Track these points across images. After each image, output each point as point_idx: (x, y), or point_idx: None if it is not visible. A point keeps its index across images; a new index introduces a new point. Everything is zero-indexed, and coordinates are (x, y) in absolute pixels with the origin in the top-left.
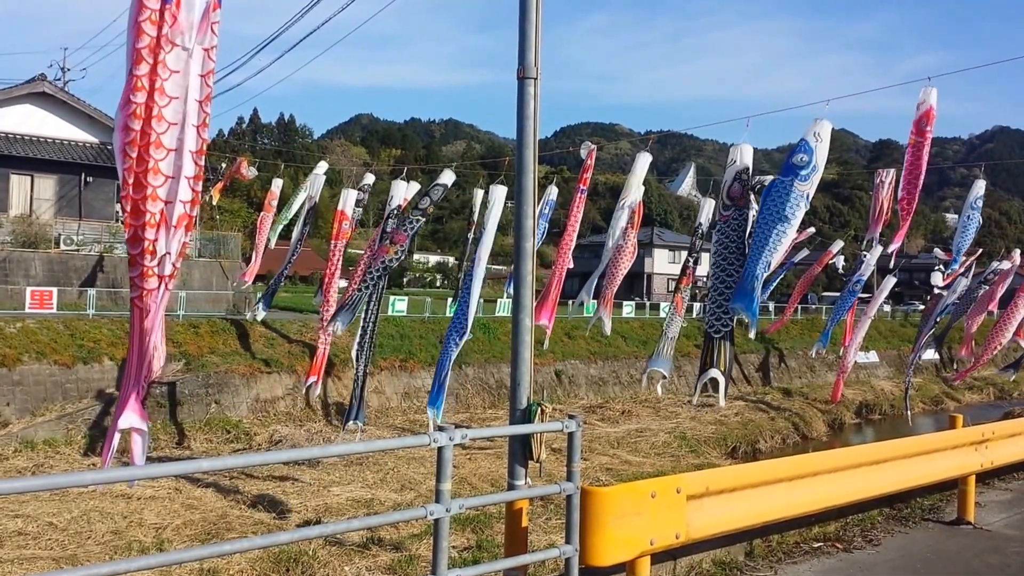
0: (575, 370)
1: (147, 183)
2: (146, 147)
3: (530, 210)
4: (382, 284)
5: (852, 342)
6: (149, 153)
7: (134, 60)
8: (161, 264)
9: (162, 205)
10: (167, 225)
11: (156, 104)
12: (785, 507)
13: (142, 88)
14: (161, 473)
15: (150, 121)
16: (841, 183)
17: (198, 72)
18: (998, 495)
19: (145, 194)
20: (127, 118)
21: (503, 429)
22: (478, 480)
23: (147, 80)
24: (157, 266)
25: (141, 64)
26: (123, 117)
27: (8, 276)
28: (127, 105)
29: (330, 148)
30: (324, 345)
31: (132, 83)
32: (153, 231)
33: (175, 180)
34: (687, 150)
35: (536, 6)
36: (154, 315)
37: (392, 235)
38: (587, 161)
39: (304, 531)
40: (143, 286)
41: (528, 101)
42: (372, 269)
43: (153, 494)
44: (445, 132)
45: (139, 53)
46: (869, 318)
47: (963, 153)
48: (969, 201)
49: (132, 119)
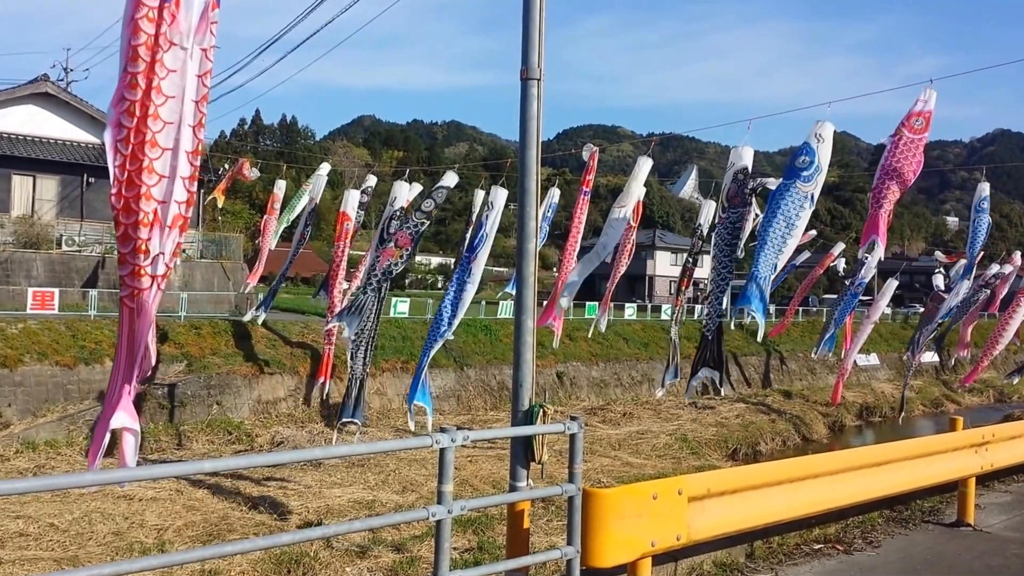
0: (577, 372)
1: (140, 182)
2: (140, 145)
3: (533, 211)
4: (385, 287)
5: (853, 345)
6: (144, 152)
7: (129, 57)
8: (154, 264)
9: (156, 204)
10: (161, 225)
11: (152, 102)
12: (786, 509)
13: (137, 85)
14: (163, 474)
15: (145, 119)
16: (842, 186)
17: (195, 72)
18: (998, 497)
19: (138, 192)
20: (120, 115)
21: (505, 431)
22: (479, 482)
23: (143, 78)
24: (150, 265)
25: (137, 61)
26: (116, 114)
27: (10, 277)
28: (120, 102)
29: (332, 149)
30: (329, 347)
31: (126, 80)
32: (146, 230)
33: (170, 180)
34: (689, 152)
35: (539, 7)
36: (146, 315)
37: (396, 238)
38: (589, 163)
39: (306, 532)
40: (134, 285)
41: (531, 102)
42: (376, 271)
43: (154, 495)
44: (447, 134)
45: (135, 50)
46: (872, 322)
47: (964, 156)
48: (975, 204)
49: (125, 116)
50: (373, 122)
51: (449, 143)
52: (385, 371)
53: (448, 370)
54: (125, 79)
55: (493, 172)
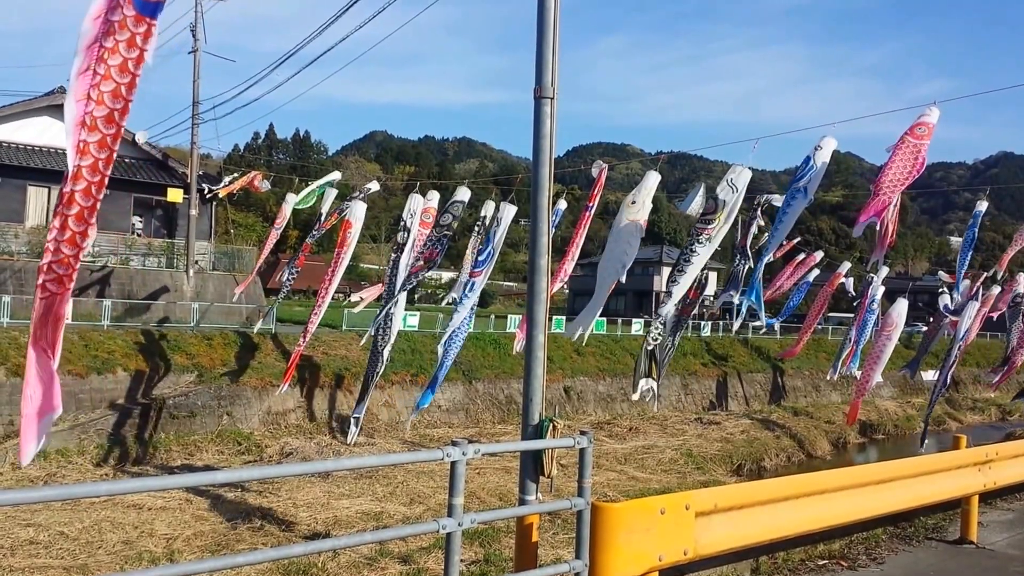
0: (584, 386)
1: (80, 176)
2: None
3: (545, 227)
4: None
5: (876, 366)
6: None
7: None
8: (77, 258)
9: (91, 203)
10: (88, 223)
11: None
12: (791, 525)
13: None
14: (177, 484)
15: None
16: (847, 206)
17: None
18: (1001, 515)
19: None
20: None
21: (516, 444)
22: (486, 494)
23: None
24: (74, 258)
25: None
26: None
27: (24, 286)
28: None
29: (344, 164)
30: (298, 351)
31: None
32: (79, 224)
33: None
34: (697, 171)
35: (553, 28)
36: (60, 305)
37: (425, 254)
38: (598, 179)
39: (316, 544)
40: (59, 272)
41: (544, 120)
42: (406, 278)
43: (164, 504)
44: (459, 150)
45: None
46: (893, 343)
47: (968, 178)
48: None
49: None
50: (385, 137)
51: (460, 159)
52: (394, 383)
53: (457, 383)
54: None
55: (503, 187)
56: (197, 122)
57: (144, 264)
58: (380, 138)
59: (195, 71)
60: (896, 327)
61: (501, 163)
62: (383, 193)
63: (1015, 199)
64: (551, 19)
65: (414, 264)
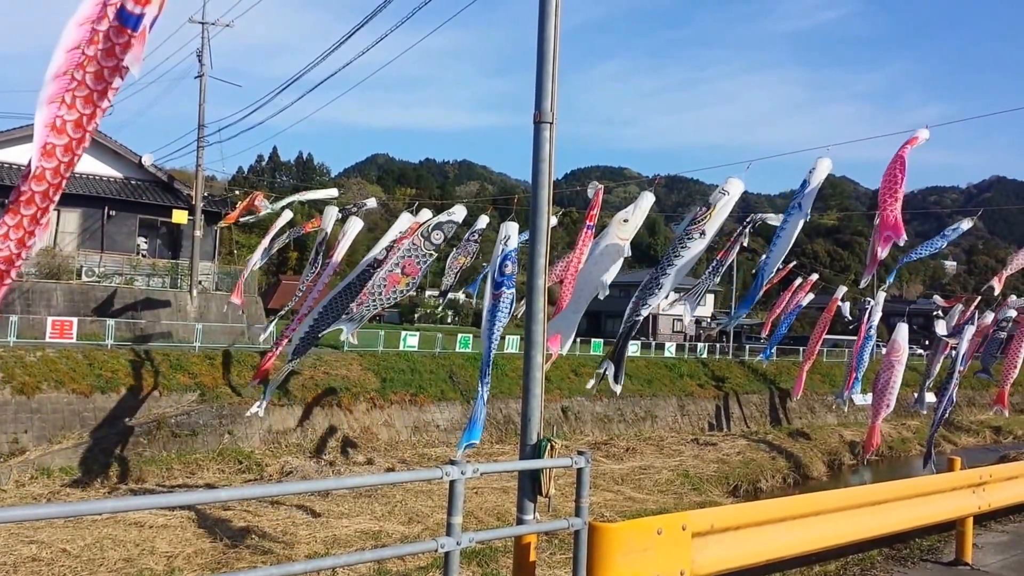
0: (581, 407)
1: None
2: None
3: (543, 248)
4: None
5: (891, 390)
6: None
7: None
8: (20, 256)
9: (46, 204)
10: (39, 224)
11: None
12: (787, 545)
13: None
14: (180, 502)
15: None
16: (842, 229)
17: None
18: (995, 537)
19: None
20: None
21: (514, 464)
22: (484, 514)
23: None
24: (18, 256)
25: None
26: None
27: (31, 306)
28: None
29: (346, 186)
30: (272, 356)
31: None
32: (31, 224)
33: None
34: (693, 194)
35: (553, 54)
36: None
37: (403, 265)
38: (594, 200)
39: (315, 562)
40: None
41: (544, 145)
42: (380, 295)
43: (165, 522)
44: (459, 172)
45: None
46: (902, 366)
47: (961, 202)
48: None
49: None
50: (387, 160)
51: (460, 181)
52: (394, 403)
53: (455, 403)
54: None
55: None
56: (202, 145)
57: (148, 284)
58: (382, 160)
59: (201, 95)
60: (903, 351)
61: (500, 185)
62: (385, 215)
63: (1007, 222)
64: (551, 47)
65: (390, 272)
